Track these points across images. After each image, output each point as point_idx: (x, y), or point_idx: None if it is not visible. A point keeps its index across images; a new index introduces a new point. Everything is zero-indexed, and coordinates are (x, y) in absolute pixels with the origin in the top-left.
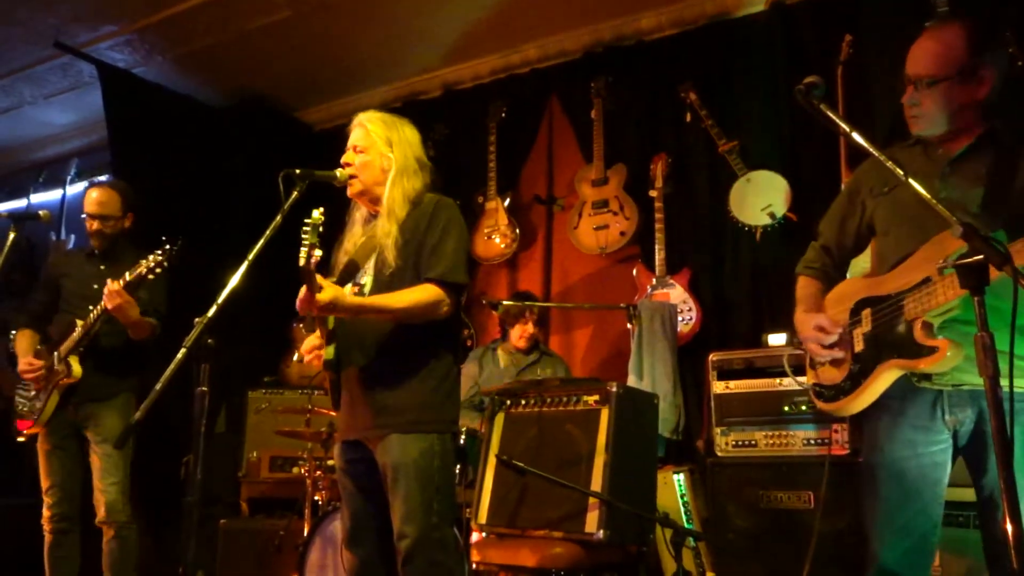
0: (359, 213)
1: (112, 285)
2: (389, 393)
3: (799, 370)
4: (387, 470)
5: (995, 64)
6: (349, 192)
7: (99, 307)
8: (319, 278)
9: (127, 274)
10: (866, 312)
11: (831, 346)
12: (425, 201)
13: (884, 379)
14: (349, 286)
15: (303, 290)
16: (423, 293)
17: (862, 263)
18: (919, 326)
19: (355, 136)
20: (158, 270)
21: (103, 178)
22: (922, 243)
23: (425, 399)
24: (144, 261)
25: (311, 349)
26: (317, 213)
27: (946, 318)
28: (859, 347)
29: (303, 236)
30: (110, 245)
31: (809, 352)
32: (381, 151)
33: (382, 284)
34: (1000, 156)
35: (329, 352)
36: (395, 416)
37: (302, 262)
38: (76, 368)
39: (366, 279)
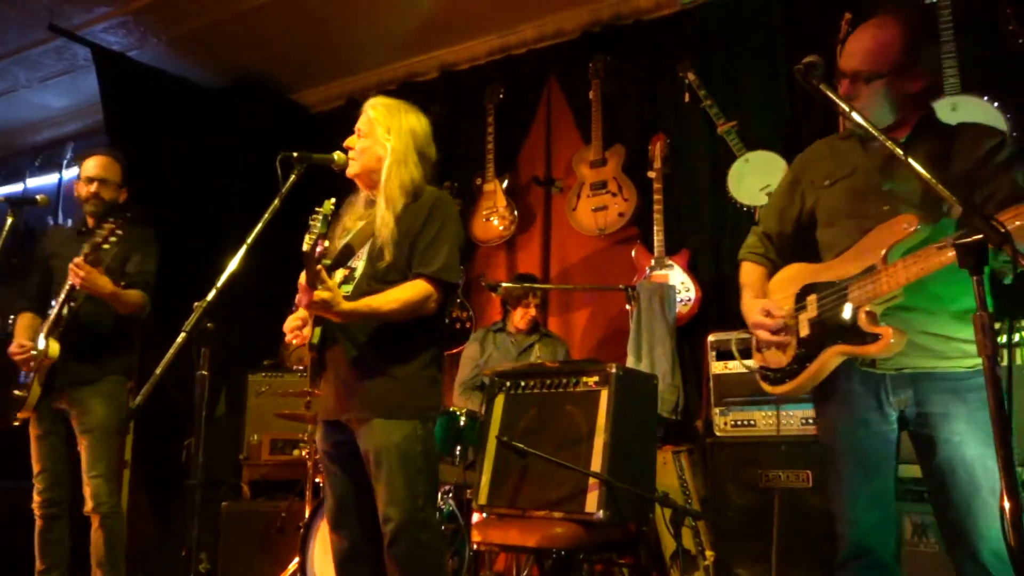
0: (362, 194)
1: (75, 259)
2: (372, 380)
3: (746, 353)
4: (370, 455)
5: (928, 63)
6: (348, 172)
7: (66, 285)
8: (323, 272)
9: (85, 246)
10: (811, 298)
11: (777, 331)
12: (424, 195)
13: (829, 363)
14: (341, 270)
15: (303, 277)
16: (413, 291)
17: None
18: (863, 314)
19: (360, 121)
20: (112, 239)
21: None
22: (865, 233)
23: (407, 386)
24: (99, 231)
25: (293, 328)
26: (328, 203)
27: (889, 306)
28: (804, 332)
29: (312, 224)
30: (102, 217)
31: (755, 337)
32: (380, 138)
33: (374, 274)
34: (935, 144)
35: (315, 335)
36: (378, 402)
37: (306, 247)
38: (52, 348)
39: (359, 264)
